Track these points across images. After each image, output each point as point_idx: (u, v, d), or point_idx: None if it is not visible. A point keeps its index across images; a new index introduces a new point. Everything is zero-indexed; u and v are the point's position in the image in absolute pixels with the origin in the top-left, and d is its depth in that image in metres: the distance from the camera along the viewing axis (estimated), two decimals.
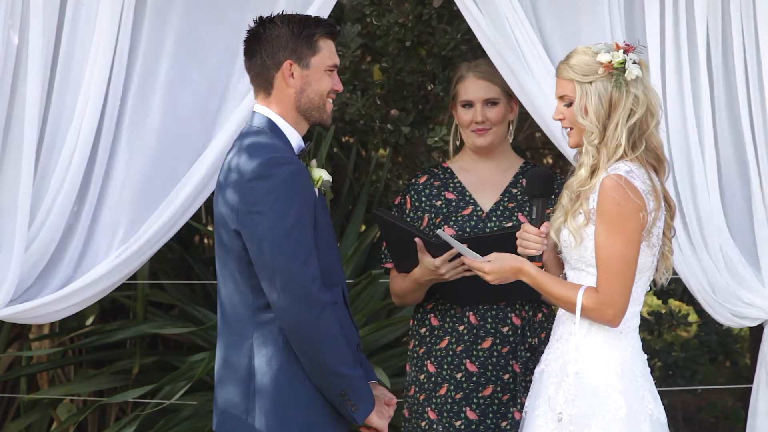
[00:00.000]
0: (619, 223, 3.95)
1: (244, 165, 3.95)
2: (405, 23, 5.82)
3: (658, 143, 4.07)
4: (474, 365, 4.66)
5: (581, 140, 4.07)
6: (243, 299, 3.99)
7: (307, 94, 4.05)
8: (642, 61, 4.06)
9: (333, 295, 3.99)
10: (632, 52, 4.05)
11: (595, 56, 4.03)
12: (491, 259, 4.13)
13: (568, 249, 4.08)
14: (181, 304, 6.55)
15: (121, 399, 6.13)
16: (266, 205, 3.89)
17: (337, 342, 3.93)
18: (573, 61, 4.06)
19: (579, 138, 4.08)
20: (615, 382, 4.03)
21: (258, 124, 4.05)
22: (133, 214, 4.72)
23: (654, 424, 4.05)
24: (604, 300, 3.99)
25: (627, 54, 4.03)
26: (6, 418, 6.62)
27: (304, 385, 3.96)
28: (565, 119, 4.10)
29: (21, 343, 6.69)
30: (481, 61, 4.78)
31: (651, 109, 4.04)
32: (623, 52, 4.03)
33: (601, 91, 4.02)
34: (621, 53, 4.03)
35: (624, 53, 4.03)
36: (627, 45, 4.06)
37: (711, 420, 7.87)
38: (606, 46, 4.05)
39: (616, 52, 4.03)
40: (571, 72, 4.05)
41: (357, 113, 5.93)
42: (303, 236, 3.90)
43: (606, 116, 4.02)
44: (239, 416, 3.98)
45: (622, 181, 3.96)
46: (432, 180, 4.80)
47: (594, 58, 4.03)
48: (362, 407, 3.98)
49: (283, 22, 4.03)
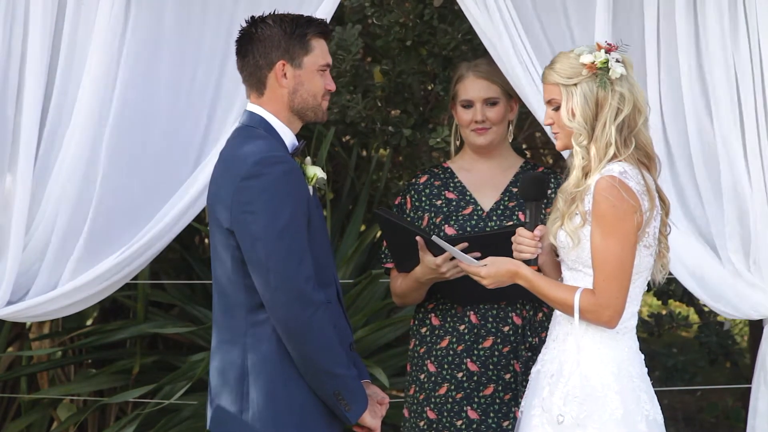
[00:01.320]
0: (614, 224, 3.96)
1: (236, 164, 3.94)
2: (406, 23, 5.82)
3: (647, 140, 4.07)
4: (475, 365, 4.66)
5: (569, 143, 4.08)
6: (236, 299, 3.98)
7: (300, 94, 4.05)
8: (626, 59, 4.07)
9: (327, 294, 3.98)
10: (614, 51, 4.05)
11: (578, 58, 4.04)
12: (487, 263, 4.13)
13: (565, 251, 4.09)
14: (181, 304, 6.56)
15: (121, 399, 6.14)
16: (259, 205, 3.88)
17: (331, 342, 3.92)
18: (557, 66, 4.07)
19: (566, 141, 4.09)
20: (611, 382, 4.03)
21: (251, 122, 4.05)
22: (134, 216, 4.72)
23: (651, 424, 4.05)
24: (601, 302, 3.99)
25: (609, 53, 4.04)
26: (6, 418, 6.63)
27: (297, 384, 3.95)
28: (554, 123, 4.11)
29: (21, 343, 6.69)
30: (480, 60, 4.79)
31: (638, 106, 4.05)
32: (605, 52, 4.04)
33: (586, 92, 4.03)
34: (603, 53, 4.03)
35: (606, 53, 4.04)
36: (609, 44, 4.07)
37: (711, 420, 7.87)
38: (588, 48, 4.06)
39: (598, 52, 4.04)
40: (555, 76, 4.06)
41: (358, 115, 5.93)
42: (296, 235, 3.90)
43: (593, 117, 4.03)
44: (233, 415, 3.98)
45: (616, 182, 3.96)
46: (432, 180, 4.80)
47: (577, 60, 4.04)
48: (355, 407, 3.98)
49: (275, 22, 4.02)
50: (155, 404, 5.98)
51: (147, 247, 4.69)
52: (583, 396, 4.01)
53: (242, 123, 4.08)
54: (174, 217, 4.69)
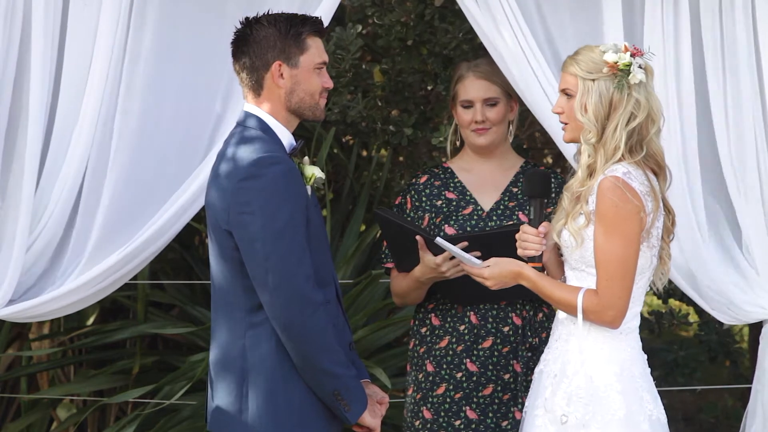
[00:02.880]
0: (617, 225, 3.96)
1: (234, 165, 3.95)
2: (407, 22, 5.82)
3: (658, 150, 4.07)
4: (474, 365, 4.66)
5: (576, 137, 4.08)
6: (235, 299, 3.98)
7: (298, 94, 4.05)
8: (648, 67, 4.06)
9: (326, 293, 3.98)
10: (639, 57, 4.05)
11: (602, 55, 4.04)
12: (490, 265, 4.13)
13: (569, 250, 4.08)
14: (181, 304, 6.56)
15: (121, 399, 6.13)
16: (257, 205, 3.88)
17: (330, 342, 3.92)
18: (579, 57, 4.07)
19: (574, 134, 4.09)
20: (614, 382, 4.03)
21: (248, 123, 4.05)
22: (133, 215, 4.71)
23: (654, 424, 4.05)
24: (604, 302, 3.99)
25: (634, 57, 4.03)
26: (6, 418, 6.63)
27: (297, 384, 3.95)
28: (563, 113, 4.10)
29: (21, 343, 6.69)
30: (480, 60, 4.78)
31: (652, 115, 4.04)
32: (630, 55, 4.03)
33: (602, 90, 4.02)
34: (628, 56, 4.03)
35: (631, 56, 4.03)
36: (635, 49, 4.06)
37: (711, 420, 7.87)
38: (614, 47, 4.05)
39: (623, 53, 4.03)
40: (576, 67, 4.05)
41: (358, 115, 5.93)
42: (295, 235, 3.90)
43: (605, 116, 4.03)
44: (233, 416, 3.98)
45: (619, 183, 3.96)
46: (432, 180, 4.80)
47: (601, 56, 4.04)
48: (355, 407, 3.98)
49: (270, 22, 4.02)
50: (155, 404, 5.97)
51: (145, 246, 4.68)
52: (587, 397, 4.01)
53: (239, 123, 4.08)
54: (173, 218, 4.68)
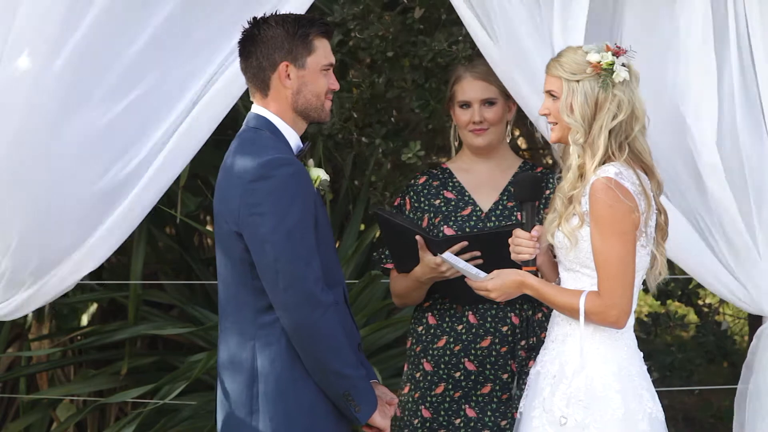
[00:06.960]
0: (612, 225, 3.97)
1: (243, 166, 3.95)
2: (386, 35, 5.81)
3: (642, 149, 4.08)
4: (473, 364, 4.66)
5: (564, 137, 4.10)
6: (245, 301, 3.98)
7: (304, 95, 4.05)
8: (631, 66, 4.08)
9: (334, 294, 3.99)
10: (622, 56, 4.06)
11: (585, 55, 4.06)
12: (493, 277, 4.14)
13: (563, 251, 4.09)
14: (180, 305, 6.56)
15: (121, 399, 6.14)
16: (267, 207, 3.88)
17: (340, 343, 3.93)
18: (563, 59, 4.09)
19: (562, 134, 4.11)
20: (612, 382, 4.04)
21: (256, 124, 4.05)
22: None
23: (653, 422, 4.06)
24: (607, 303, 4.00)
25: (617, 57, 4.05)
26: (6, 418, 6.63)
27: (307, 386, 3.96)
28: (550, 114, 4.12)
29: (21, 343, 6.70)
30: (478, 61, 4.79)
31: (636, 113, 4.06)
32: (613, 54, 4.05)
33: (587, 91, 4.04)
34: (610, 55, 4.04)
35: (614, 55, 4.05)
36: (618, 48, 4.08)
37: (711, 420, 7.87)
38: (597, 47, 4.07)
39: (605, 53, 4.05)
40: (560, 69, 4.07)
41: (333, 128, 5.93)
42: (305, 237, 3.90)
43: (592, 116, 4.04)
44: (243, 418, 3.98)
45: (611, 184, 3.97)
46: (431, 180, 4.81)
47: (584, 57, 4.06)
48: (365, 408, 3.98)
49: (278, 23, 4.02)
50: (154, 404, 5.98)
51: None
52: (587, 400, 4.02)
53: (248, 125, 4.08)
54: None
